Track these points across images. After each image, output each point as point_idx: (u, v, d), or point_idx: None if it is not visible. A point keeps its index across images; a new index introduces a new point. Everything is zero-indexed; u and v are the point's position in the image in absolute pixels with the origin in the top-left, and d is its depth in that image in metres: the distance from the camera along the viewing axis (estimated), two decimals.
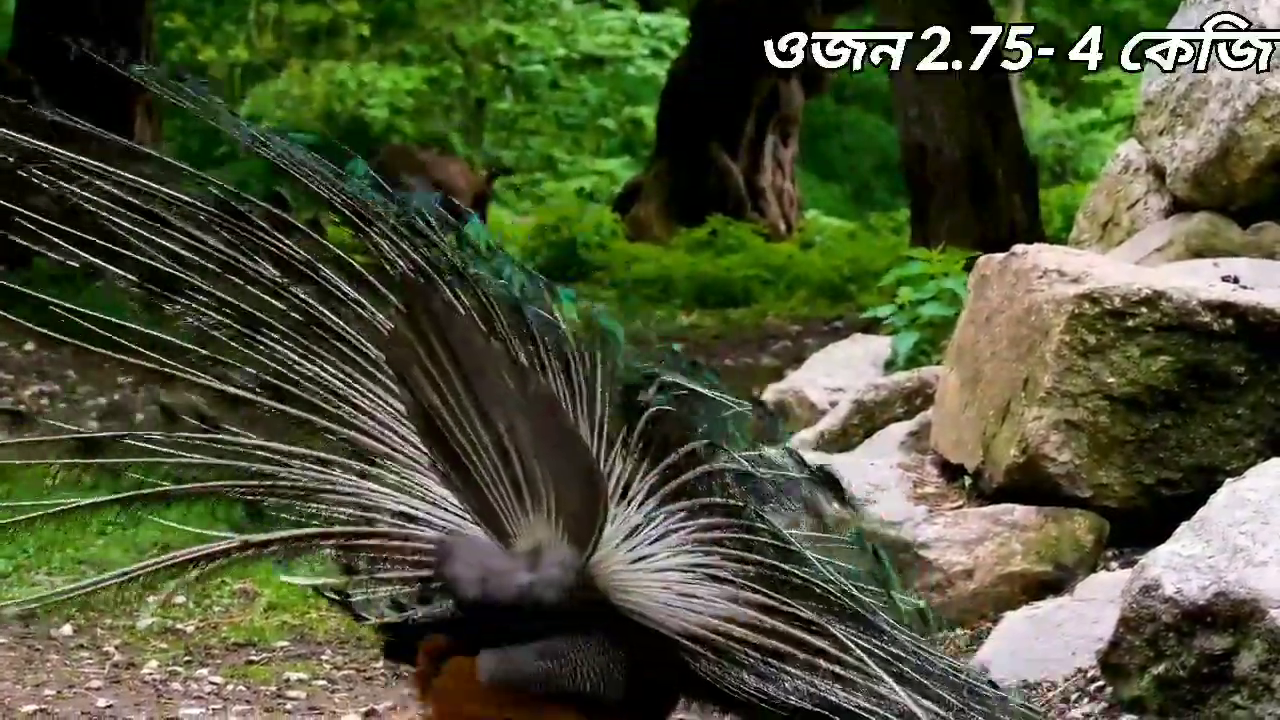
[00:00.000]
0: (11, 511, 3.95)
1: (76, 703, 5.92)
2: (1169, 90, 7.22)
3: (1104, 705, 4.85)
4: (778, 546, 3.69)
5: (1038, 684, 5.11)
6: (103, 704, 5.92)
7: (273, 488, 3.90)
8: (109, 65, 3.84)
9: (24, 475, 3.99)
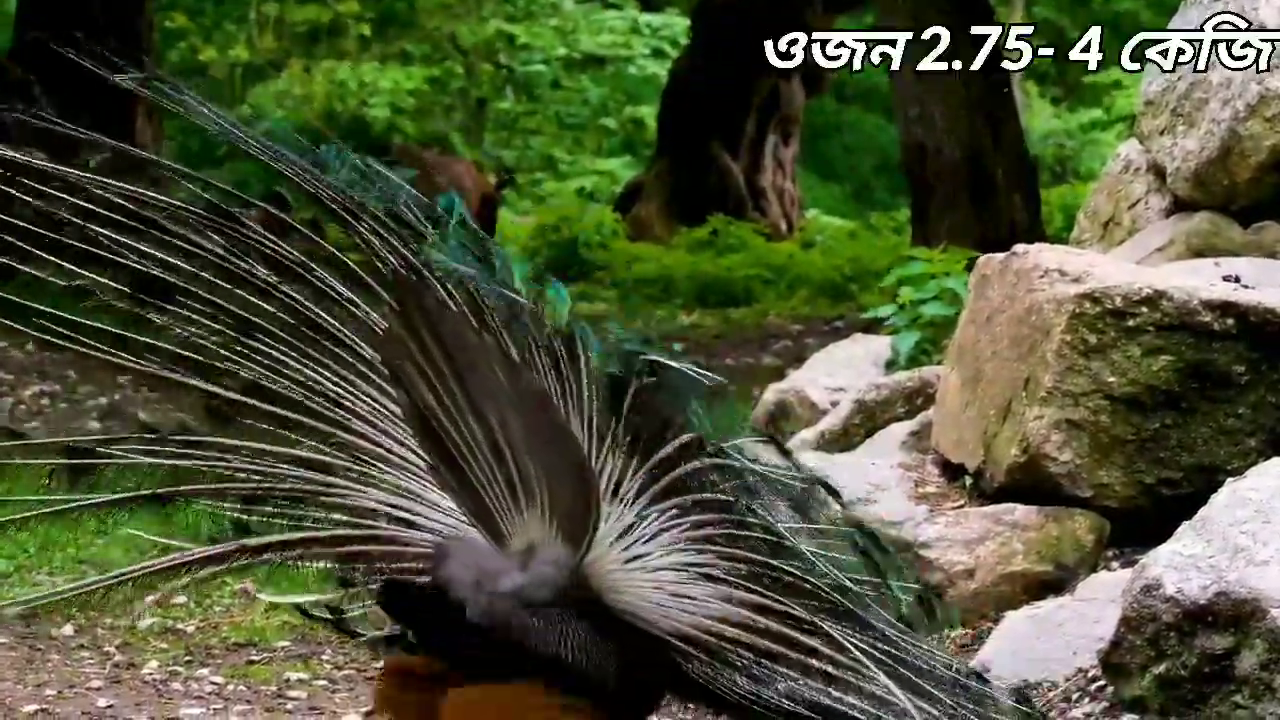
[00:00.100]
0: (11, 510, 3.93)
1: (77, 702, 5.92)
2: (1170, 90, 7.22)
3: (1105, 705, 4.85)
4: (769, 542, 3.66)
5: (1039, 684, 5.11)
6: (103, 704, 5.92)
7: (269, 492, 3.88)
8: (97, 72, 3.82)
9: (23, 474, 3.98)
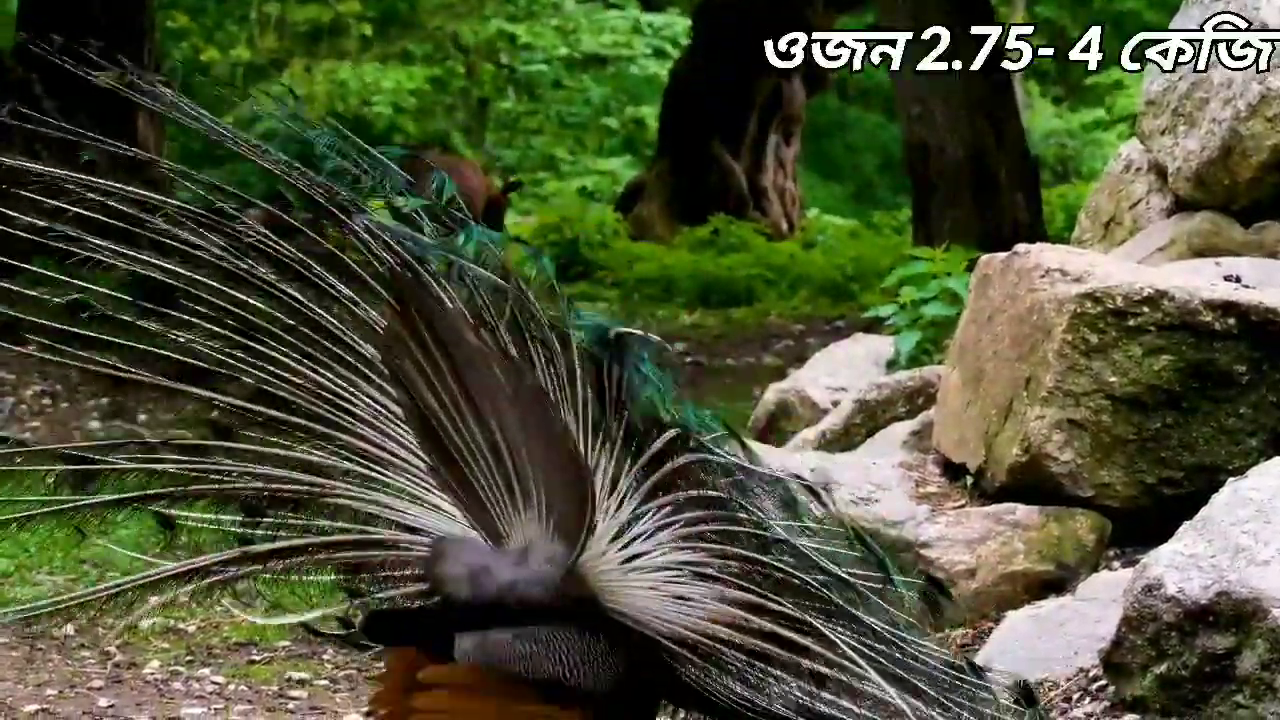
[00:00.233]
0: (13, 509, 3.93)
1: (78, 702, 5.92)
2: (1171, 90, 7.22)
3: (1106, 704, 4.85)
4: (762, 538, 3.64)
5: (1040, 683, 5.10)
6: (104, 703, 5.91)
7: (273, 494, 3.86)
8: (73, 71, 3.81)
9: (26, 478, 3.97)
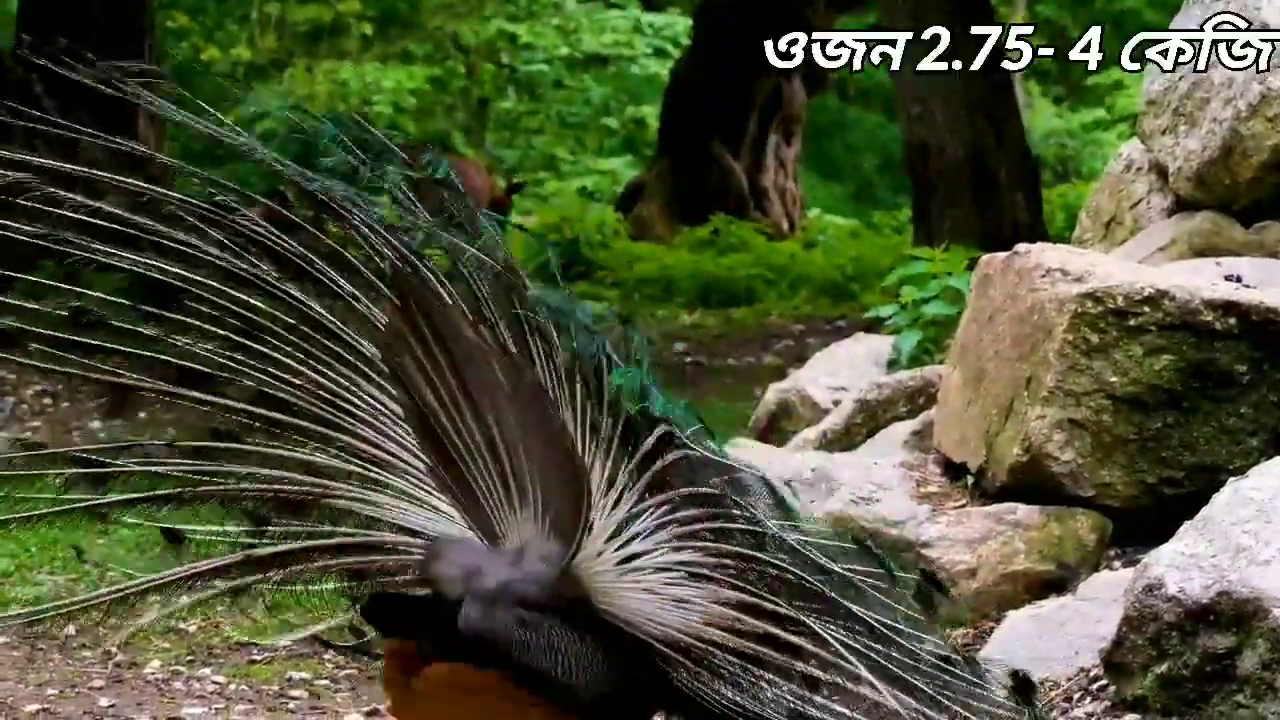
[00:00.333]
0: (22, 508, 3.93)
1: (79, 702, 5.92)
2: (1171, 89, 7.22)
3: (1107, 704, 4.85)
4: (757, 534, 3.64)
5: (1041, 683, 5.10)
6: (105, 703, 5.91)
7: (275, 495, 3.86)
8: (57, 71, 3.81)
9: (36, 481, 3.97)
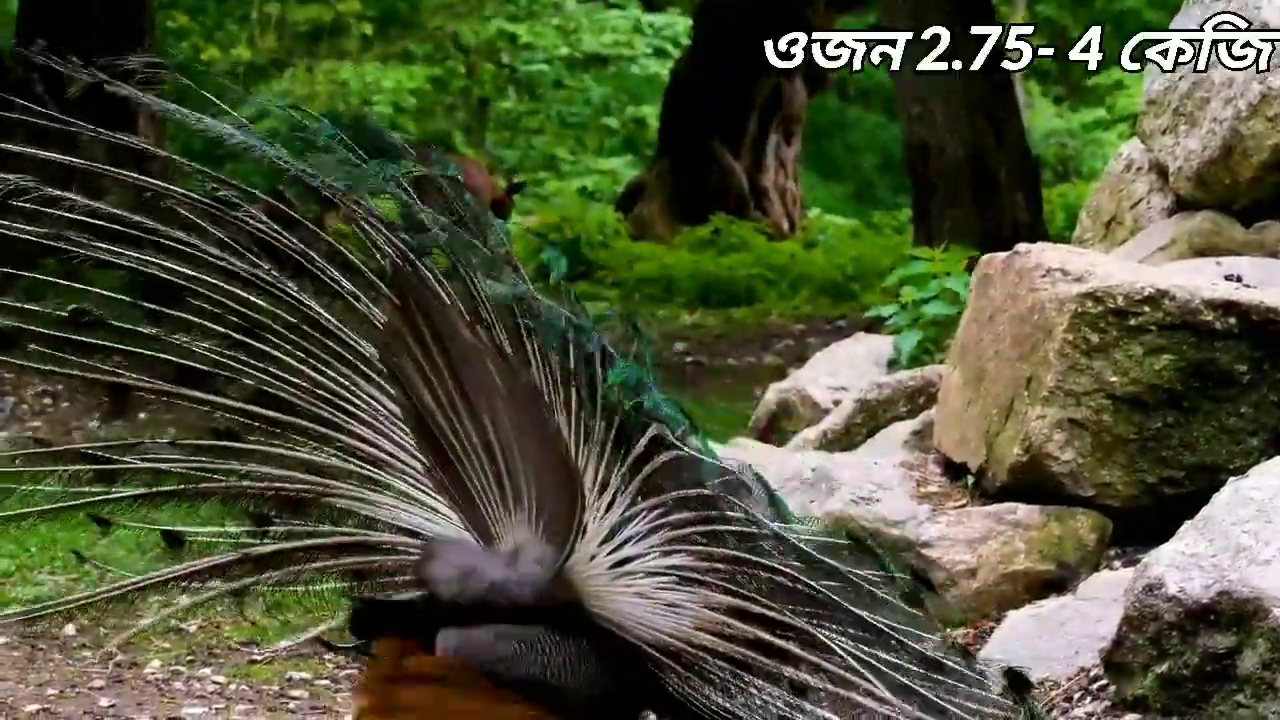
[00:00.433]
0: (21, 503, 3.93)
1: (79, 702, 5.92)
2: (1171, 89, 7.22)
3: (1107, 704, 4.85)
4: (749, 536, 3.62)
5: (1041, 683, 5.10)
6: (105, 703, 5.91)
7: (277, 495, 3.85)
8: (56, 67, 3.82)
9: (42, 477, 3.97)
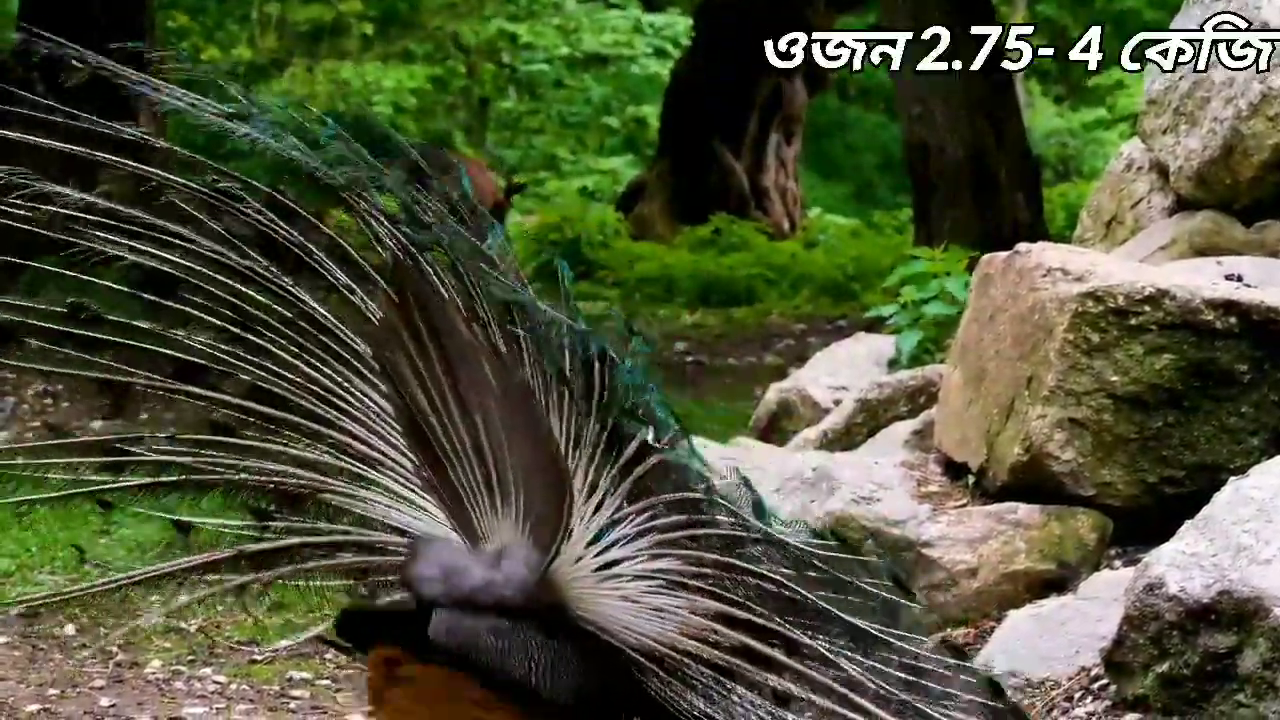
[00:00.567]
0: (44, 490, 3.93)
1: (79, 702, 5.92)
2: (1172, 89, 7.22)
3: (1107, 703, 4.85)
4: (737, 541, 3.62)
5: (1041, 682, 5.11)
6: (106, 703, 5.92)
7: (277, 490, 3.85)
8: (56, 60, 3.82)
9: (54, 468, 3.97)
